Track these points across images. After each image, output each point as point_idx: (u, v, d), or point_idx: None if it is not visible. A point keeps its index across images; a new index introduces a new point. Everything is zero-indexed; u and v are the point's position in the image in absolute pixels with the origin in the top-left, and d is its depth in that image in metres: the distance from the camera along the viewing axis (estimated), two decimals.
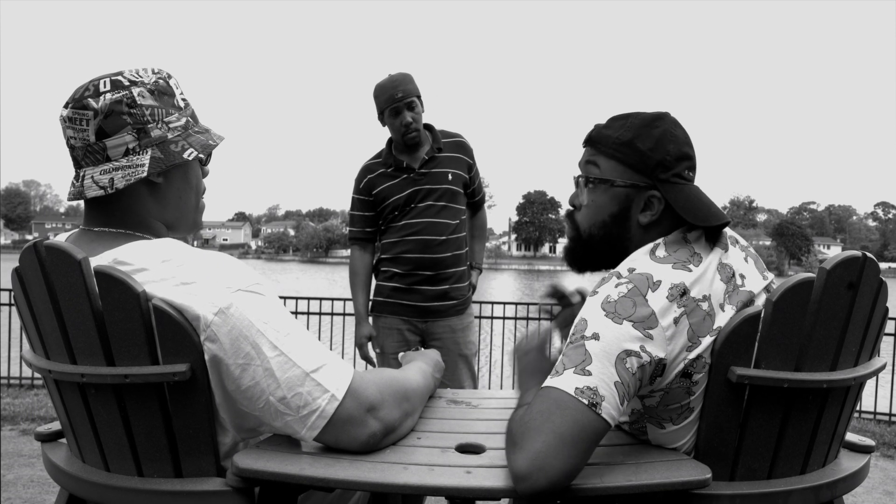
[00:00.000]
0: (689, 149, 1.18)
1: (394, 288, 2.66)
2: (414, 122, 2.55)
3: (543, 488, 0.93)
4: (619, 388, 0.99)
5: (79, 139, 1.09)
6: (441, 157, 2.63)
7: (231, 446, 1.08)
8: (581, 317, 1.06)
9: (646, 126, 1.17)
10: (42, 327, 1.08)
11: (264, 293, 1.04)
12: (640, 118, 1.18)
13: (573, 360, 1.01)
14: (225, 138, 1.21)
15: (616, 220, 1.19)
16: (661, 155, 1.15)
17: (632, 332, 1.01)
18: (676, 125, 1.19)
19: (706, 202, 1.15)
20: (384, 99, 2.55)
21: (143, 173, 1.08)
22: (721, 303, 1.08)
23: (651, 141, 1.15)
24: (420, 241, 2.59)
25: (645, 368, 1.02)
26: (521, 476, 0.94)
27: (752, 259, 1.18)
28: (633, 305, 1.03)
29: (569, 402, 0.97)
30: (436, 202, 2.60)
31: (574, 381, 0.99)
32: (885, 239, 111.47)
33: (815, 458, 1.14)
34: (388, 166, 2.64)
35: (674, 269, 1.07)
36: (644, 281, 1.05)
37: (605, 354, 1.00)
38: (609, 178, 1.18)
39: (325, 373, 1.03)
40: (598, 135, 1.20)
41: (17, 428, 3.99)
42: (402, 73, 2.59)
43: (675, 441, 1.13)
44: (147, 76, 1.12)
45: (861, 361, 1.15)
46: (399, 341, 2.66)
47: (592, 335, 1.02)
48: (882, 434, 4.36)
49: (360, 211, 2.71)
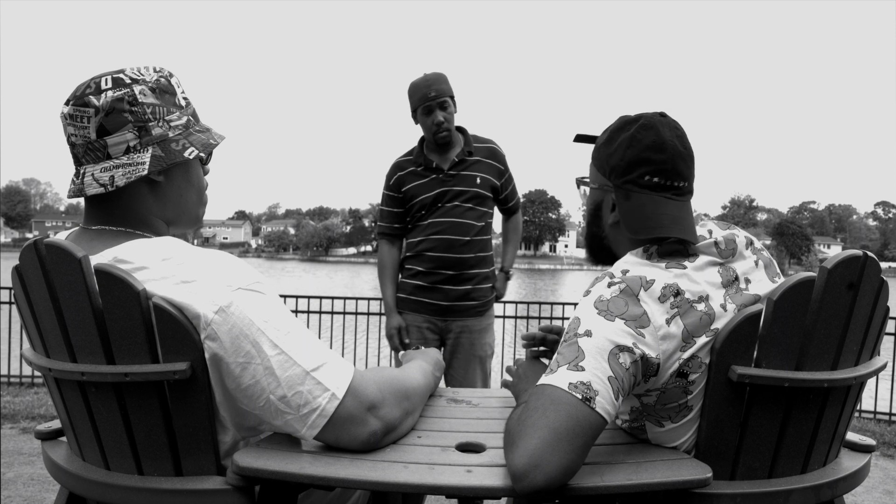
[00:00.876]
0: (654, 152, 1.14)
1: (416, 286, 2.69)
2: (445, 122, 2.60)
3: (541, 486, 0.93)
4: (612, 382, 1.00)
5: (80, 136, 1.09)
6: (471, 161, 2.68)
7: (231, 445, 1.08)
8: (574, 316, 1.07)
9: (616, 130, 1.20)
10: (42, 325, 1.08)
11: (265, 292, 1.04)
12: (617, 122, 1.22)
13: (567, 357, 1.02)
14: (226, 137, 1.21)
15: (593, 218, 1.28)
16: (616, 160, 1.18)
17: (624, 329, 1.02)
18: (648, 128, 1.15)
19: (652, 213, 1.14)
20: (417, 97, 2.61)
21: (144, 171, 1.08)
22: (722, 303, 1.08)
23: (612, 145, 1.19)
24: (444, 240, 2.63)
25: (638, 364, 1.02)
26: (519, 475, 0.93)
27: (763, 262, 1.18)
28: (625, 304, 1.04)
29: (562, 398, 0.98)
30: (463, 203, 2.65)
31: (567, 376, 1.00)
32: (885, 238, 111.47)
33: (816, 457, 1.14)
34: (418, 165, 2.69)
35: (667, 269, 1.08)
36: (637, 280, 1.06)
37: (597, 350, 1.01)
38: (587, 180, 1.29)
39: (325, 371, 1.03)
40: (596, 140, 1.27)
41: (17, 426, 3.99)
42: (437, 73, 2.64)
43: (675, 439, 1.13)
44: (149, 74, 1.12)
45: (862, 361, 1.15)
46: (418, 339, 2.70)
47: (585, 332, 1.03)
48: (882, 433, 4.36)
49: (389, 207, 2.75)
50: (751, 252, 1.17)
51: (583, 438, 0.96)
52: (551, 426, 0.95)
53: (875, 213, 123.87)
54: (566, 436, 0.95)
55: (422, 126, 2.66)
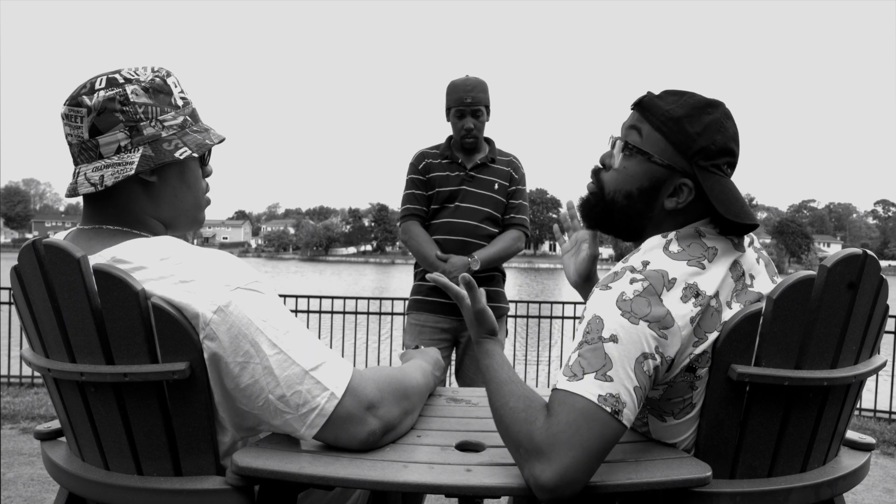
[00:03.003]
0: (735, 145, 1.14)
1: (431, 287, 2.71)
2: (475, 129, 2.68)
3: (567, 498, 0.94)
4: (637, 392, 0.99)
5: (74, 136, 1.09)
6: (492, 168, 2.76)
7: (230, 445, 1.08)
8: (595, 314, 1.03)
9: (699, 108, 1.12)
10: (41, 326, 1.08)
11: (263, 291, 1.04)
12: (695, 98, 1.14)
13: (593, 364, 0.99)
14: (225, 138, 1.20)
15: (643, 195, 1.15)
16: (707, 142, 1.10)
17: (648, 333, 1.00)
18: (729, 117, 1.14)
19: (741, 199, 1.12)
20: (454, 98, 2.68)
21: (132, 171, 1.07)
22: (728, 300, 1.07)
23: (700, 125, 1.11)
24: (458, 241, 2.68)
25: (659, 369, 1.02)
26: (549, 488, 0.94)
27: (763, 261, 1.18)
28: (648, 305, 1.02)
29: (594, 414, 0.97)
30: (480, 207, 2.70)
31: (596, 387, 0.98)
32: (885, 237, 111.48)
33: (816, 455, 1.14)
34: (444, 158, 2.75)
35: (689, 266, 1.06)
36: (659, 279, 1.04)
37: (626, 359, 0.99)
38: (648, 151, 1.14)
39: (324, 371, 1.03)
40: (649, 101, 1.15)
41: (17, 426, 3.99)
42: (478, 80, 2.70)
43: (675, 436, 1.13)
44: (144, 74, 1.11)
45: (861, 359, 1.15)
46: (430, 339, 2.72)
47: (611, 337, 1.00)
48: (882, 432, 4.36)
49: (417, 189, 2.76)
50: (752, 250, 1.17)
51: (608, 452, 0.98)
52: (585, 446, 0.95)
53: (875, 211, 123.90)
54: (597, 455, 0.96)
55: (452, 126, 2.74)
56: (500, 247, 2.70)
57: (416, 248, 2.73)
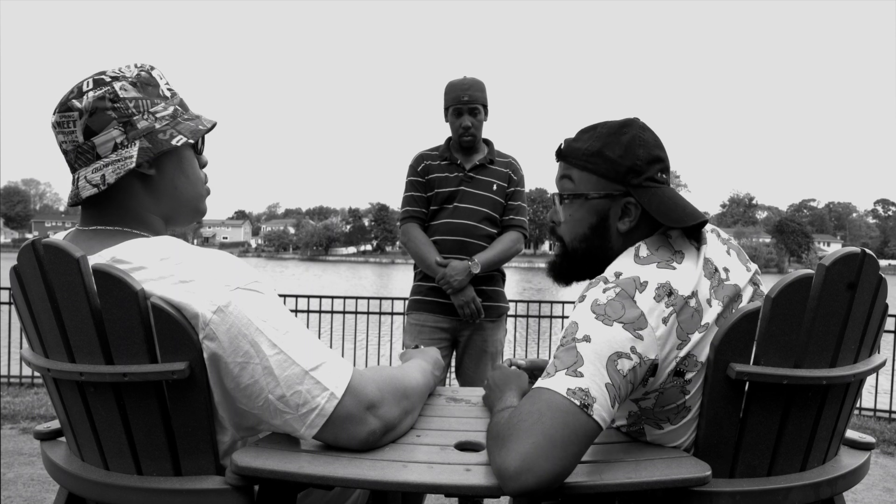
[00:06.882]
0: (660, 151, 1.19)
1: (430, 287, 2.71)
2: (472, 128, 2.69)
3: (532, 488, 0.92)
4: (609, 389, 0.99)
5: (69, 142, 1.09)
6: (491, 169, 2.76)
7: (230, 444, 1.08)
8: (571, 320, 1.06)
9: (613, 134, 1.18)
10: (41, 326, 1.08)
11: (263, 291, 1.04)
12: (606, 127, 1.20)
13: (565, 361, 1.01)
14: (217, 122, 1.21)
15: (596, 231, 1.20)
16: (632, 160, 1.16)
17: (622, 334, 1.01)
18: (645, 129, 1.20)
19: (680, 203, 1.16)
20: (451, 97, 2.69)
21: (132, 164, 1.07)
22: (707, 298, 1.08)
23: (620, 148, 1.17)
24: (457, 241, 2.68)
25: (636, 370, 1.02)
26: (509, 475, 0.93)
27: (734, 251, 1.20)
28: (622, 307, 1.03)
29: (560, 404, 0.97)
30: (478, 207, 2.70)
31: (566, 382, 0.99)
32: (884, 236, 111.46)
33: (815, 454, 1.14)
34: (443, 159, 2.76)
35: (658, 269, 1.08)
36: (631, 283, 1.06)
37: (596, 356, 1.00)
38: (583, 192, 1.20)
39: (324, 371, 1.03)
40: (567, 148, 1.22)
41: (17, 426, 3.99)
42: (475, 79, 2.72)
43: (674, 440, 1.13)
44: (129, 70, 1.12)
45: (861, 358, 1.15)
46: (430, 339, 2.72)
47: (584, 337, 1.02)
48: (882, 431, 4.37)
49: (417, 191, 2.77)
50: (715, 237, 1.19)
51: (577, 446, 0.96)
52: (546, 432, 0.94)
53: (875, 210, 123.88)
54: (561, 443, 0.94)
55: (450, 126, 2.75)
56: (500, 249, 2.71)
57: (415, 252, 2.74)
